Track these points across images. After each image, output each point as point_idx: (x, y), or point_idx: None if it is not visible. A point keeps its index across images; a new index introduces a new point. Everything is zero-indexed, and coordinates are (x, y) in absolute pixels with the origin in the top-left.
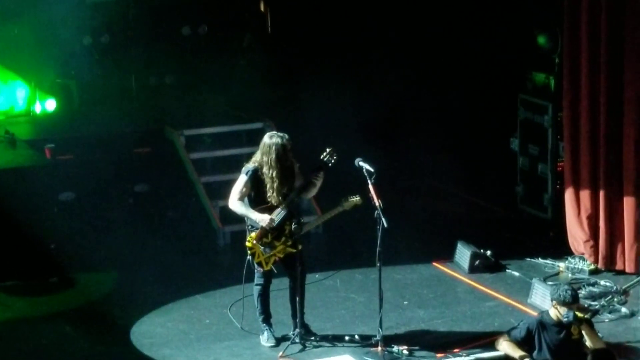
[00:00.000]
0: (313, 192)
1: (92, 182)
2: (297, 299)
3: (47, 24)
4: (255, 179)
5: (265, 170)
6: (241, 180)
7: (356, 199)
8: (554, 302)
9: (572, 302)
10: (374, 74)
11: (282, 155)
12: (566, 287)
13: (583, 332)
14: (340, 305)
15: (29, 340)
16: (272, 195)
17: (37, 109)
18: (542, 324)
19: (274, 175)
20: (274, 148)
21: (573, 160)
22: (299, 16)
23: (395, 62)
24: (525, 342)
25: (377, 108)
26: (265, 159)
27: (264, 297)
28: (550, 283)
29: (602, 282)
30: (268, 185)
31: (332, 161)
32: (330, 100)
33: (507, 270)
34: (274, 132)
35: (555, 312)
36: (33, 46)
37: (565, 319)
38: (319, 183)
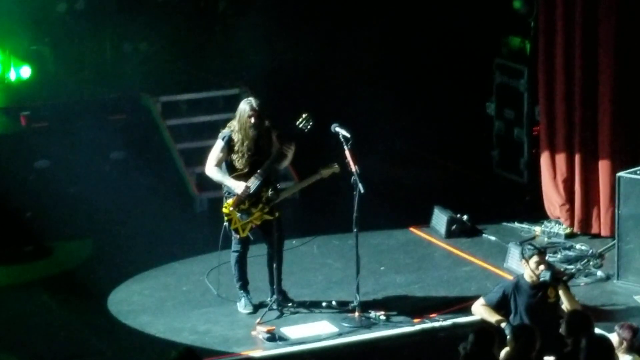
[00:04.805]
0: (285, 163)
1: (68, 150)
2: (275, 265)
3: None
4: (232, 144)
5: (234, 136)
6: (218, 145)
7: (334, 167)
8: (524, 260)
9: (540, 252)
10: (350, 38)
11: (250, 121)
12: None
13: (561, 293)
14: (317, 272)
15: (4, 309)
16: (241, 162)
17: (12, 76)
18: (518, 287)
19: (242, 141)
20: (240, 113)
21: (549, 124)
22: None
23: (371, 26)
24: (502, 306)
25: (354, 72)
26: (236, 124)
27: (241, 263)
28: None
29: (578, 246)
30: (238, 150)
31: (308, 127)
32: (306, 64)
33: (483, 234)
34: (249, 98)
35: (529, 273)
36: (7, 13)
37: (542, 279)
38: (290, 154)
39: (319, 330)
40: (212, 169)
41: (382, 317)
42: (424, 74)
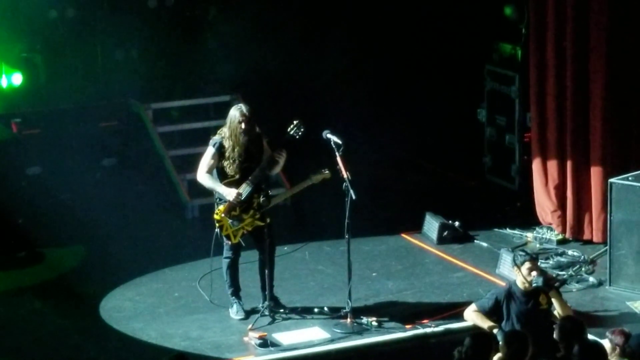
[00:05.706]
0: (277, 169)
1: (60, 156)
2: (266, 271)
3: None
4: (223, 150)
5: (225, 143)
6: (209, 152)
7: (325, 173)
8: (516, 267)
9: (532, 258)
10: (343, 45)
11: (241, 127)
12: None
13: (553, 299)
14: (309, 278)
15: None
16: (232, 168)
17: (4, 83)
18: (510, 294)
19: (233, 147)
20: (231, 120)
21: (540, 130)
22: None
23: (361, 33)
24: (494, 312)
25: (346, 79)
26: (226, 131)
27: (233, 270)
28: None
29: (570, 252)
30: (228, 156)
31: (299, 134)
32: (298, 71)
33: (475, 240)
34: (240, 104)
35: (522, 280)
36: None
37: (535, 285)
38: (281, 161)
39: (310, 336)
40: (203, 176)
41: (374, 323)
42: (415, 80)
